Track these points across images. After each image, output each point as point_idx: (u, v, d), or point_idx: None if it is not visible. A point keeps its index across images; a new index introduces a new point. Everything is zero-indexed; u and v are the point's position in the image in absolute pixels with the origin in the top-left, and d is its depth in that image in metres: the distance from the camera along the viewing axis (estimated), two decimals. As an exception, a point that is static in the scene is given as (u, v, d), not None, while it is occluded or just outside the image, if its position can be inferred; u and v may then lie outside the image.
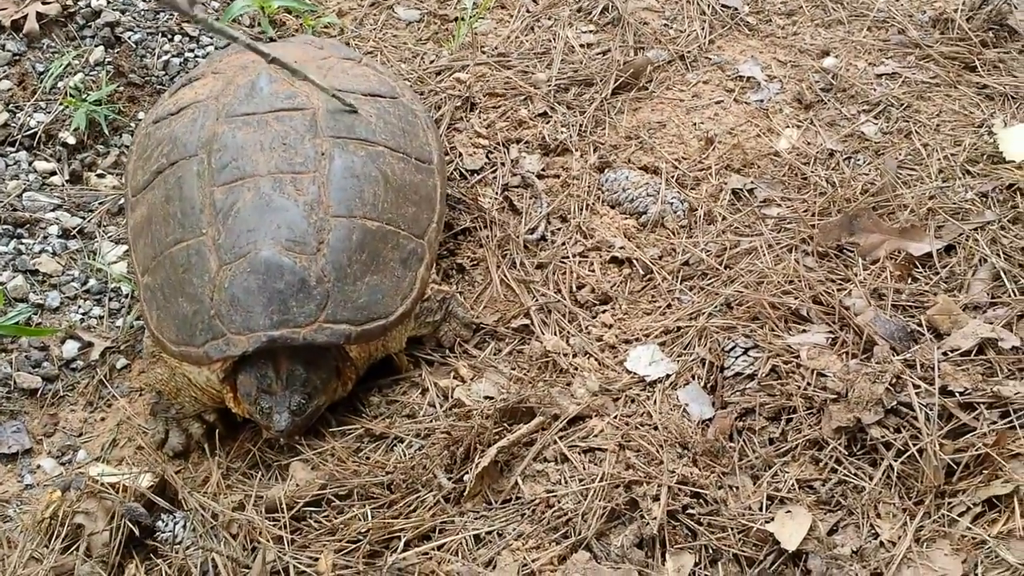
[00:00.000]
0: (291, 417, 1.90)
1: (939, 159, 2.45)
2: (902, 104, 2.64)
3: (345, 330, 1.93)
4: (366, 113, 2.19)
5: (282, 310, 1.89)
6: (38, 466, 2.06)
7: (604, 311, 2.21)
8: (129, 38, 2.86)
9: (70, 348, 2.23)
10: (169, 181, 2.08)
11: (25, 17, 2.83)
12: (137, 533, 1.83)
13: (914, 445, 1.81)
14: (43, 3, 2.86)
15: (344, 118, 2.15)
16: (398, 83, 2.41)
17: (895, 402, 1.86)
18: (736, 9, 3.01)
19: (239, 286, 1.91)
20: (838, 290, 2.12)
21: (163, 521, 1.86)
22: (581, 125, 2.64)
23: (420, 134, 2.27)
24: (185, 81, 2.39)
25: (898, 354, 1.95)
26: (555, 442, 1.91)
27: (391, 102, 2.29)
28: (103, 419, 2.14)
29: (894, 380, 1.88)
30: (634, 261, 2.30)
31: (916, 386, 1.88)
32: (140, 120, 2.67)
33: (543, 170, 2.53)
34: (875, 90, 2.70)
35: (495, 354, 2.15)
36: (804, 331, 2.06)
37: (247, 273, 1.91)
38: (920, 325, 2.03)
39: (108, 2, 2.91)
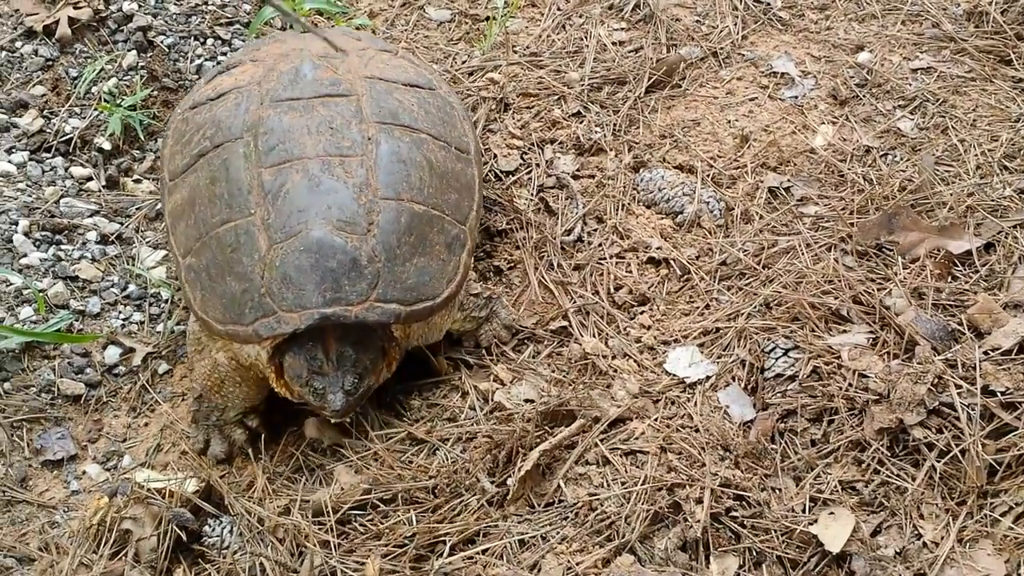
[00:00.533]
0: (346, 397, 1.90)
1: (976, 155, 2.43)
2: (937, 99, 2.62)
3: (395, 309, 1.94)
4: (408, 102, 2.21)
5: (334, 288, 1.90)
6: (84, 472, 2.08)
7: (642, 312, 2.22)
8: (162, 42, 2.87)
9: (112, 354, 2.24)
10: (214, 163, 2.09)
11: (57, 22, 2.84)
12: (184, 538, 1.85)
13: (956, 445, 1.81)
14: (75, 8, 2.87)
15: (388, 105, 2.17)
16: (434, 75, 2.42)
17: (937, 402, 1.86)
18: (769, 4, 2.99)
19: (291, 264, 1.91)
20: (878, 289, 2.12)
21: (210, 526, 1.88)
22: (615, 124, 2.63)
23: (458, 124, 2.29)
24: (222, 68, 2.39)
25: (939, 354, 1.95)
26: (596, 445, 1.92)
27: (430, 93, 2.30)
28: (146, 424, 2.16)
29: (936, 380, 1.88)
30: (671, 261, 2.30)
31: (958, 386, 1.88)
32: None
33: (578, 170, 2.53)
34: (910, 85, 2.68)
35: (534, 356, 2.15)
36: (845, 331, 2.05)
37: (299, 252, 1.92)
38: (961, 324, 2.02)
39: (140, 6, 2.92)
